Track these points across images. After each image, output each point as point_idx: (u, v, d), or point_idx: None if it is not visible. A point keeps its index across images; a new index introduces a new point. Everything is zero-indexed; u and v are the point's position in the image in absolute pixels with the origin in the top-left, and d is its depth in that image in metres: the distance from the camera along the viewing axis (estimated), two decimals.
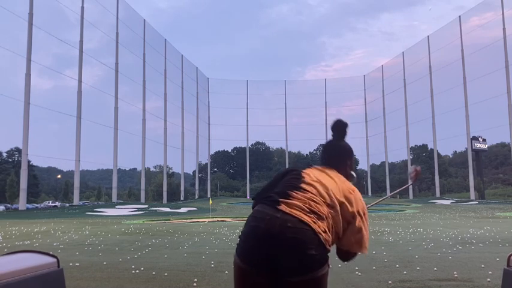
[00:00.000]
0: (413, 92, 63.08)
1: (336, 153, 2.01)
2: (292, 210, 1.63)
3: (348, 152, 2.04)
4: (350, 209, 1.74)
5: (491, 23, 50.85)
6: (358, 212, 1.77)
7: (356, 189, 1.84)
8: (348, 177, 1.97)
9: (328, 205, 1.71)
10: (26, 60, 35.22)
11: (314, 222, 1.63)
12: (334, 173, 1.90)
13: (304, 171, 1.88)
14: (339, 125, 2.05)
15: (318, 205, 1.68)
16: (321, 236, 1.62)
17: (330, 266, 1.72)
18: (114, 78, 48.90)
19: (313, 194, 1.71)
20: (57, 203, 62.21)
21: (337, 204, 1.72)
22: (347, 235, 1.77)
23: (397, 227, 14.48)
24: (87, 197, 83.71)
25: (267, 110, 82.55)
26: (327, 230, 1.67)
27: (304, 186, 1.75)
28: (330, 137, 2.11)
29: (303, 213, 1.63)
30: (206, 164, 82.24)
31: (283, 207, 1.63)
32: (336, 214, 1.71)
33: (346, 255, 1.86)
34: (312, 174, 1.85)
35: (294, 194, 1.70)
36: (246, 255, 1.62)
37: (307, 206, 1.66)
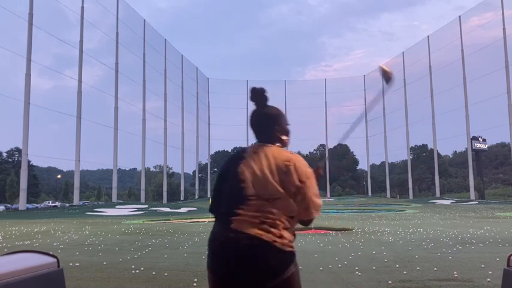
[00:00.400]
0: (413, 92, 63.12)
1: (261, 123, 1.90)
2: (242, 226, 1.67)
3: (271, 116, 1.90)
4: (291, 183, 1.71)
5: (491, 23, 50.87)
6: (300, 180, 1.73)
7: (292, 157, 1.77)
8: (282, 143, 1.91)
9: (274, 199, 1.70)
10: (26, 60, 35.21)
11: (267, 232, 1.65)
12: (268, 150, 1.80)
13: (240, 169, 1.78)
14: (255, 92, 1.92)
15: (266, 213, 1.68)
16: (276, 244, 1.64)
17: (297, 264, 1.71)
18: (114, 78, 48.90)
19: (257, 202, 1.70)
20: (57, 203, 62.21)
21: (280, 191, 1.70)
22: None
23: (397, 227, 14.48)
24: (87, 197, 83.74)
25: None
26: (282, 233, 1.67)
27: (247, 195, 1.72)
28: (329, 136, 2.09)
29: (254, 227, 1.66)
30: (206, 164, 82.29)
31: (234, 225, 1.68)
32: (284, 202, 1.71)
33: (301, 222, 1.85)
34: (249, 171, 1.76)
35: (241, 209, 1.71)
36: (213, 271, 1.72)
37: (256, 219, 1.68)
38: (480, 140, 57.28)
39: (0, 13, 34.38)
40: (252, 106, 1.97)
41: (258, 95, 1.93)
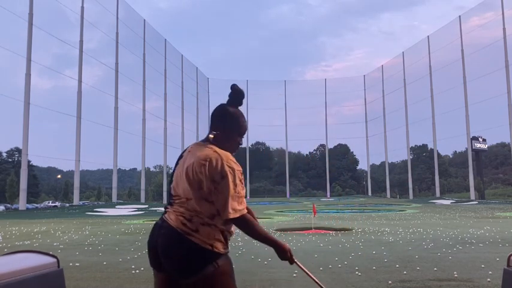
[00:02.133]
0: (413, 92, 63.12)
1: (213, 117, 1.98)
2: (168, 217, 1.75)
3: (224, 114, 1.94)
4: (206, 184, 1.72)
5: (491, 23, 50.87)
6: (213, 180, 1.72)
7: (211, 155, 1.76)
8: (216, 140, 1.92)
9: (190, 199, 1.74)
10: (26, 60, 35.22)
11: (183, 224, 1.69)
12: (197, 148, 1.85)
13: (175, 169, 1.88)
14: (234, 89, 1.99)
15: (186, 209, 1.74)
16: (191, 238, 1.67)
17: (222, 266, 1.69)
18: (114, 78, 48.90)
19: (179, 200, 1.78)
20: (57, 203, 62.17)
21: (191, 192, 1.74)
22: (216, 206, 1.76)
23: (397, 227, 14.48)
24: (87, 197, 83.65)
25: (267, 110, 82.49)
26: (198, 228, 1.69)
27: (172, 194, 1.84)
28: (329, 136, 2.10)
29: (175, 219, 1.72)
30: None
31: (165, 215, 1.79)
32: (197, 201, 1.73)
33: (224, 222, 1.76)
34: (178, 172, 1.84)
35: (170, 205, 1.83)
36: (150, 261, 1.82)
37: (178, 213, 1.74)
38: (480, 140, 57.24)
39: (0, 13, 34.40)
40: (252, 105, 2.00)
41: (237, 94, 1.98)
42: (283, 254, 1.87)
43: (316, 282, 2.07)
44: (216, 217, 1.73)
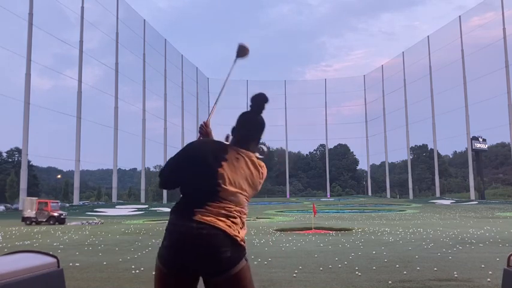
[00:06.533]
0: (413, 92, 63.14)
1: (253, 129, 1.95)
2: (205, 218, 1.70)
3: (263, 127, 1.98)
4: (254, 192, 1.89)
5: (492, 23, 50.89)
6: (260, 183, 1.92)
7: (263, 169, 1.92)
8: (258, 151, 1.97)
9: (242, 205, 1.81)
10: (26, 60, 35.25)
11: (229, 226, 1.72)
12: (247, 157, 1.86)
13: (220, 169, 1.78)
14: (262, 98, 1.97)
15: (232, 211, 1.76)
16: (237, 238, 1.72)
17: (247, 259, 1.75)
18: (114, 78, 48.93)
19: (227, 204, 1.76)
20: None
21: (248, 199, 1.86)
22: None
23: (397, 227, 14.48)
24: (87, 197, 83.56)
25: (267, 110, 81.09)
26: (240, 230, 1.76)
27: (220, 197, 1.75)
28: (329, 136, 2.10)
29: (216, 219, 1.71)
30: None
31: (197, 217, 1.71)
32: (246, 208, 1.85)
33: None
34: (228, 176, 1.78)
35: (210, 205, 1.74)
36: (167, 262, 1.72)
37: (222, 211, 1.73)
38: (480, 140, 57.22)
39: (0, 13, 34.41)
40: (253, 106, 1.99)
41: (262, 101, 1.97)
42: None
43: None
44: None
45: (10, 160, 71.09)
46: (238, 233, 1.74)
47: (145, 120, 54.36)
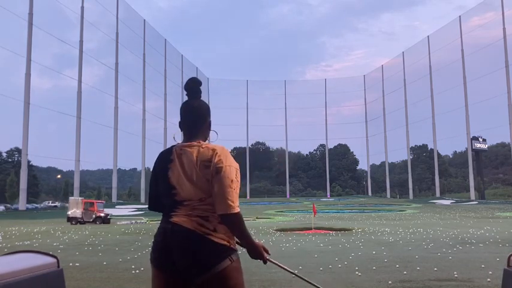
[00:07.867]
0: (413, 92, 63.16)
1: (190, 116, 1.88)
2: (177, 219, 1.73)
3: (202, 110, 1.89)
4: (211, 182, 1.72)
5: (491, 23, 50.91)
6: (218, 177, 1.71)
7: (214, 153, 1.75)
8: (207, 137, 1.93)
9: (205, 198, 1.73)
10: (26, 60, 35.25)
11: (200, 225, 1.71)
12: (191, 148, 1.79)
13: (169, 173, 1.78)
14: (190, 82, 1.91)
15: (200, 210, 1.73)
16: (211, 237, 1.70)
17: (233, 259, 1.72)
18: (114, 78, 48.93)
19: (189, 203, 1.75)
20: (57, 203, 62.18)
21: (206, 191, 1.72)
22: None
23: (397, 227, 14.48)
24: (87, 197, 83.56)
25: (267, 110, 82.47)
26: (216, 227, 1.72)
27: (178, 200, 1.76)
28: (329, 136, 2.08)
29: (189, 219, 1.72)
30: None
31: (174, 219, 1.74)
32: (211, 199, 1.73)
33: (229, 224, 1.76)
34: (176, 176, 1.77)
35: (177, 209, 1.76)
36: (155, 263, 1.77)
37: (190, 212, 1.74)
38: (480, 140, 57.23)
39: (0, 13, 34.41)
40: (252, 105, 1.96)
41: (194, 84, 1.91)
42: (256, 249, 1.81)
43: (300, 277, 2.10)
44: None
45: (10, 160, 71.10)
46: (213, 231, 1.70)
47: (145, 120, 54.40)
